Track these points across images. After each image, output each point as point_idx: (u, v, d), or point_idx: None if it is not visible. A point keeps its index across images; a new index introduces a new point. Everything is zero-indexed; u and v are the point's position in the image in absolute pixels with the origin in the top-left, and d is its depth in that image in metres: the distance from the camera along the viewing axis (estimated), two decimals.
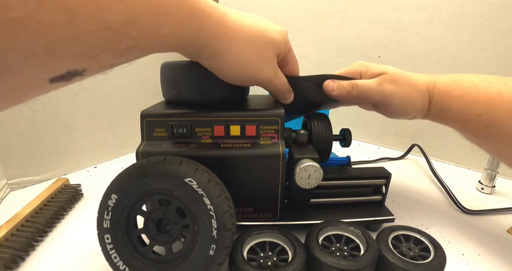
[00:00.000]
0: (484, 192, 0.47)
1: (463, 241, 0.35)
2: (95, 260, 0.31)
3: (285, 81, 0.31)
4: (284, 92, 0.32)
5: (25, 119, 0.47)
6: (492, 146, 0.32)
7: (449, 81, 0.34)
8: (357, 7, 0.63)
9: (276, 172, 0.31)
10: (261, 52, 0.27)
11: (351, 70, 0.36)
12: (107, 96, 0.57)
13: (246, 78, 0.28)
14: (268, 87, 0.31)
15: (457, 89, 0.32)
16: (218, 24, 0.24)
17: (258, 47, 0.27)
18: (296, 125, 0.40)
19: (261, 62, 0.28)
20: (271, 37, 0.28)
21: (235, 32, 0.25)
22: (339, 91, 0.33)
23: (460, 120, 0.32)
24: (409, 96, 0.33)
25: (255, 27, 0.26)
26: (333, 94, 0.34)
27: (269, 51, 0.28)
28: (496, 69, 0.50)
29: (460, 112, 0.32)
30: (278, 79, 0.30)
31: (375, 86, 0.33)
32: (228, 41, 0.25)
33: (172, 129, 0.30)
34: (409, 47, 0.58)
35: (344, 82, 0.33)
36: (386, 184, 0.37)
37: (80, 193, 0.45)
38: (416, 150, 0.60)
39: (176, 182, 0.25)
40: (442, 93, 0.33)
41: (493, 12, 0.48)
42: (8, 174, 0.47)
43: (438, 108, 0.34)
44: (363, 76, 0.35)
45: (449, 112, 0.33)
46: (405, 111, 0.34)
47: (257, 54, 0.27)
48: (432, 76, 0.35)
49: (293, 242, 0.29)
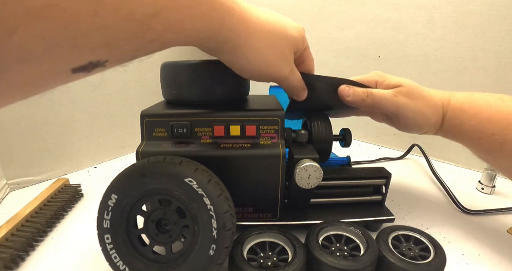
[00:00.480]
0: (484, 192, 0.47)
1: (463, 241, 0.35)
2: (95, 260, 0.31)
3: (300, 78, 0.31)
4: (298, 90, 0.32)
5: (25, 119, 0.47)
6: (505, 165, 0.32)
7: (463, 98, 0.34)
8: (357, 7, 0.63)
9: (276, 172, 0.31)
10: (280, 49, 0.27)
11: (367, 78, 0.36)
12: (107, 96, 0.57)
13: (264, 75, 0.28)
14: (283, 84, 0.31)
15: (471, 107, 0.32)
16: (239, 19, 0.24)
17: (277, 44, 0.27)
18: (296, 125, 0.40)
19: (279, 59, 0.28)
20: (289, 34, 0.27)
21: (255, 28, 0.25)
22: (354, 98, 0.33)
23: (473, 138, 0.32)
24: (422, 110, 0.33)
25: (274, 24, 0.26)
26: (347, 100, 0.33)
27: (287, 48, 0.28)
28: (496, 69, 0.50)
29: (473, 130, 0.32)
30: (294, 77, 0.30)
31: (390, 97, 0.33)
32: (248, 37, 0.25)
33: (172, 129, 0.30)
34: (409, 47, 0.58)
35: (360, 89, 0.33)
36: (386, 184, 0.37)
37: (80, 193, 0.45)
38: (416, 150, 0.60)
39: (176, 182, 0.25)
40: (456, 110, 0.33)
41: (493, 12, 0.48)
42: (8, 174, 0.47)
43: (451, 125, 0.34)
44: (378, 86, 0.35)
45: (462, 130, 0.33)
46: (417, 125, 0.34)
47: (275, 51, 0.27)
48: (447, 92, 0.35)
49: (293, 242, 0.29)
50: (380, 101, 0.33)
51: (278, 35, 0.27)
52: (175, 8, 0.17)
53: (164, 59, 0.33)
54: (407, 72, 0.59)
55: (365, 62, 0.64)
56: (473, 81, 0.52)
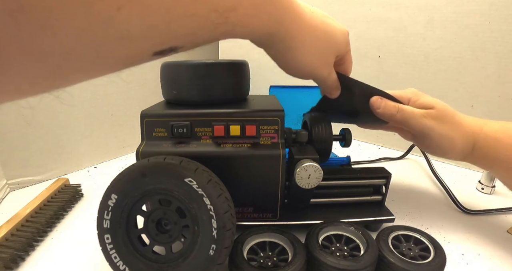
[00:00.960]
0: (484, 192, 0.47)
1: (463, 241, 0.35)
2: (95, 260, 0.31)
3: (335, 79, 0.32)
4: (332, 88, 0.33)
5: (25, 119, 0.47)
6: None
7: (498, 127, 0.33)
8: (357, 7, 0.63)
9: (276, 172, 0.31)
10: (325, 54, 0.28)
11: (401, 94, 0.36)
12: (107, 96, 0.57)
13: (305, 75, 0.29)
14: (319, 83, 0.32)
15: (507, 136, 0.32)
16: (294, 19, 0.24)
17: (323, 49, 0.28)
18: (296, 125, 0.40)
19: (322, 63, 0.29)
20: (335, 40, 0.28)
21: (308, 32, 0.26)
22: (384, 111, 0.33)
23: (507, 169, 0.32)
24: (450, 135, 0.33)
25: (324, 28, 0.27)
26: (377, 111, 0.34)
27: (331, 53, 0.29)
28: (496, 69, 0.50)
29: (507, 160, 0.31)
30: (330, 78, 0.31)
31: (419, 117, 0.33)
32: (300, 41, 0.25)
33: (172, 129, 0.30)
34: (409, 47, 0.58)
35: (392, 103, 0.33)
36: (386, 184, 0.37)
37: (80, 193, 0.45)
38: (416, 150, 0.60)
39: (176, 182, 0.25)
40: (489, 138, 0.33)
41: (493, 12, 0.48)
42: (8, 174, 0.47)
43: (482, 153, 0.34)
44: (411, 104, 0.35)
45: (495, 159, 0.33)
46: (442, 149, 0.34)
47: (320, 55, 0.28)
48: (480, 120, 0.35)
49: (293, 242, 0.29)
50: (409, 118, 0.33)
51: (326, 40, 0.28)
52: (249, 4, 0.19)
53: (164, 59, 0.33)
54: (407, 72, 0.59)
55: (365, 62, 0.64)
56: (473, 81, 0.52)
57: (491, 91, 0.51)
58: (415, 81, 0.58)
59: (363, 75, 0.34)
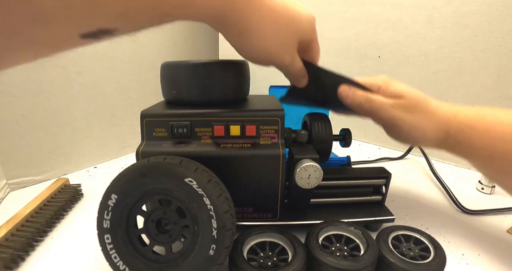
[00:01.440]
0: (484, 192, 0.47)
1: (463, 241, 0.35)
2: (95, 260, 0.31)
3: (300, 67, 0.31)
4: (297, 77, 0.32)
5: (25, 119, 0.47)
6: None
7: (472, 114, 0.32)
8: (357, 7, 0.63)
9: (276, 172, 0.31)
10: (285, 39, 0.27)
11: (371, 82, 0.34)
12: (107, 96, 0.57)
13: (263, 60, 0.28)
14: (283, 71, 0.31)
15: (480, 123, 0.31)
16: (249, 2, 0.23)
17: (283, 34, 0.27)
18: (296, 125, 0.40)
19: (282, 48, 0.28)
20: (298, 25, 0.27)
21: (264, 15, 0.25)
22: (352, 100, 0.32)
23: (483, 156, 0.31)
24: (420, 125, 0.32)
25: (286, 12, 0.26)
26: (345, 101, 0.33)
27: (292, 38, 0.28)
28: (496, 69, 0.50)
29: (483, 148, 0.30)
30: (294, 65, 0.30)
31: (388, 107, 0.31)
32: (256, 24, 0.25)
33: (172, 129, 0.30)
34: (409, 47, 0.58)
35: (360, 93, 0.32)
36: (386, 184, 0.37)
37: (80, 193, 0.45)
38: (416, 150, 0.60)
39: (176, 182, 0.25)
40: (462, 125, 0.31)
41: (493, 12, 0.48)
42: (8, 174, 0.47)
43: (456, 141, 0.32)
44: (381, 92, 0.33)
45: (470, 147, 0.31)
46: (412, 138, 0.33)
47: (280, 41, 0.27)
48: (455, 107, 0.33)
49: (293, 242, 0.29)
50: (377, 109, 0.32)
51: (287, 25, 0.26)
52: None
53: (164, 59, 0.33)
54: (407, 72, 0.59)
55: (365, 62, 0.64)
56: (473, 81, 0.52)
57: (491, 91, 0.51)
58: (415, 81, 0.58)
59: (363, 75, 0.34)
